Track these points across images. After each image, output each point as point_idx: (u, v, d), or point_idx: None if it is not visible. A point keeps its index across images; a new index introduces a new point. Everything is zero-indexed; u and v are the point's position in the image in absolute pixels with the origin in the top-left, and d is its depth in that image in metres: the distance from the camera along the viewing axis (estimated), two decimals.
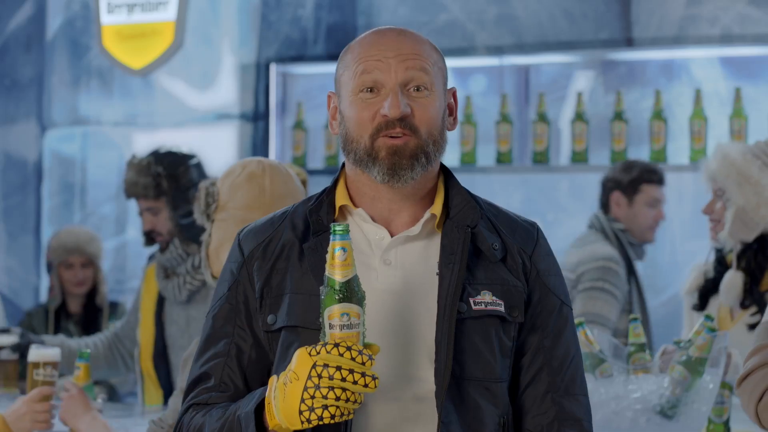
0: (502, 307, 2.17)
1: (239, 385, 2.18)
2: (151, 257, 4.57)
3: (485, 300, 2.17)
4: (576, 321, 3.18)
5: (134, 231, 6.76)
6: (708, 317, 3.36)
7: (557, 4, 5.84)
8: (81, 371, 3.66)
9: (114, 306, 5.74)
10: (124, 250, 6.76)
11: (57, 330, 5.61)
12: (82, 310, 5.70)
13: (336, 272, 1.99)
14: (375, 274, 2.17)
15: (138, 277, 6.75)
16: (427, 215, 2.21)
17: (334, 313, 1.97)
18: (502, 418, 2.18)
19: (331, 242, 1.99)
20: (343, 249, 1.99)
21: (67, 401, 3.45)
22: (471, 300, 2.15)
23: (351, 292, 1.98)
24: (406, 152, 2.15)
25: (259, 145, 6.31)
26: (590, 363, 3.36)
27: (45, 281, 6.84)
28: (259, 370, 2.18)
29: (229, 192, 3.07)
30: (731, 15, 5.56)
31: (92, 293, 5.72)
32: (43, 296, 6.78)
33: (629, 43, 5.72)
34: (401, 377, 2.13)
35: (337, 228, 1.99)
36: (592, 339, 3.44)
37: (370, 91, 2.16)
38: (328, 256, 1.99)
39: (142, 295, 4.51)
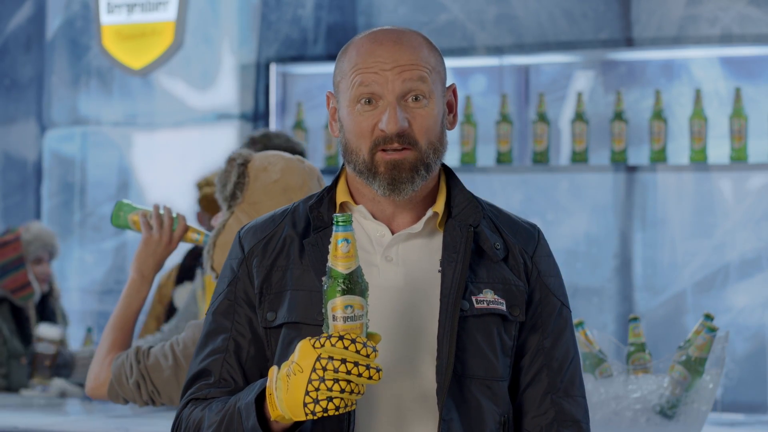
0: (504, 305, 2.17)
1: (239, 381, 2.18)
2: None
3: (487, 298, 2.16)
4: (575, 321, 3.18)
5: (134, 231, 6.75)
6: (707, 317, 3.36)
7: (557, 4, 5.84)
8: (197, 233, 3.22)
9: None
10: (124, 250, 6.75)
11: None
12: (35, 310, 5.54)
13: (339, 264, 1.96)
14: (377, 270, 2.17)
15: None
16: (429, 213, 2.20)
17: (337, 305, 1.95)
18: (503, 416, 2.17)
19: (333, 233, 1.97)
20: (347, 240, 1.96)
21: (155, 237, 3.20)
22: (473, 298, 2.15)
23: (354, 284, 1.95)
24: (405, 166, 2.14)
25: None
26: (590, 363, 3.36)
27: None
28: (257, 366, 2.18)
29: (260, 193, 2.93)
30: (731, 15, 5.56)
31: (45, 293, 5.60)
32: None
33: (629, 43, 5.71)
34: (403, 374, 2.13)
35: (340, 219, 1.96)
36: (592, 339, 3.44)
37: (368, 102, 2.15)
38: (330, 248, 1.97)
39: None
